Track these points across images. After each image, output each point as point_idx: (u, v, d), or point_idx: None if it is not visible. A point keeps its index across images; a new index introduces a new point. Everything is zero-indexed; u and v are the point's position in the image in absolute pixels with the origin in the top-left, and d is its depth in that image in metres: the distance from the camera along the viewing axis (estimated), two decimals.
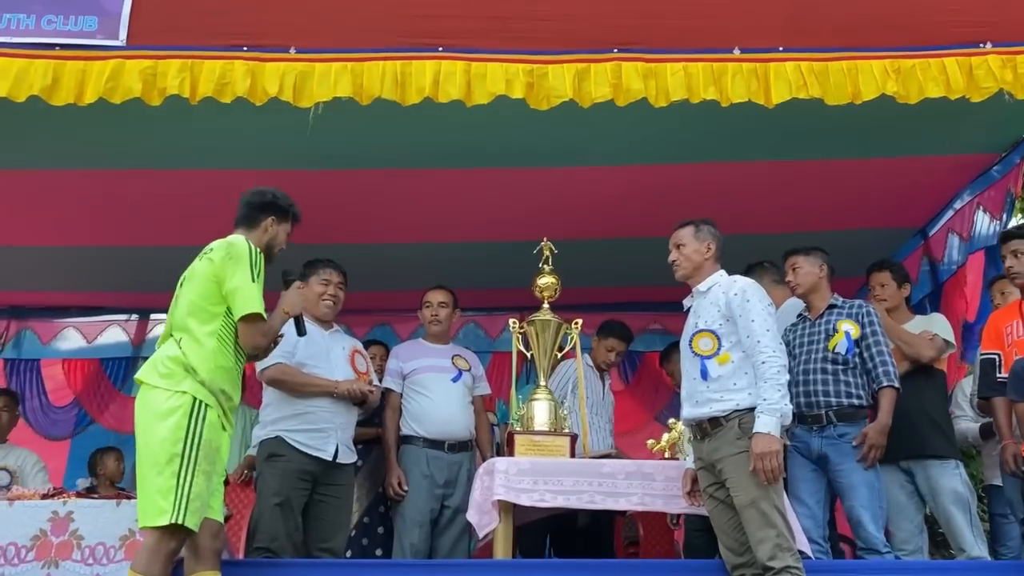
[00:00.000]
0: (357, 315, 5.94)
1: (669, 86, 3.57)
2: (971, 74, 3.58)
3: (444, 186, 4.67)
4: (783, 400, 3.00)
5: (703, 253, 3.33)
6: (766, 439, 2.94)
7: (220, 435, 2.89)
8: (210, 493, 2.82)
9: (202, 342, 2.89)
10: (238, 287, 2.90)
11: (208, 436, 2.81)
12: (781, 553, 2.87)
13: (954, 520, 3.66)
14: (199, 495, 2.73)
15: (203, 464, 2.77)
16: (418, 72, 3.53)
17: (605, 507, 3.43)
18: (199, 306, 2.93)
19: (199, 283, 2.96)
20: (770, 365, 3.02)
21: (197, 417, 2.81)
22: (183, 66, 3.48)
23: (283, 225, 3.22)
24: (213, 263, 2.96)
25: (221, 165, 4.39)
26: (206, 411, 2.83)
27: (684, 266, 3.36)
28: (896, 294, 4.13)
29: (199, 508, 2.73)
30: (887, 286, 4.14)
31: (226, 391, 2.91)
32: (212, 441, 2.82)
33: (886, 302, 4.10)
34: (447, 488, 4.13)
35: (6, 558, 3.15)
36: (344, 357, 3.92)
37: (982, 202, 4.75)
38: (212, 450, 2.82)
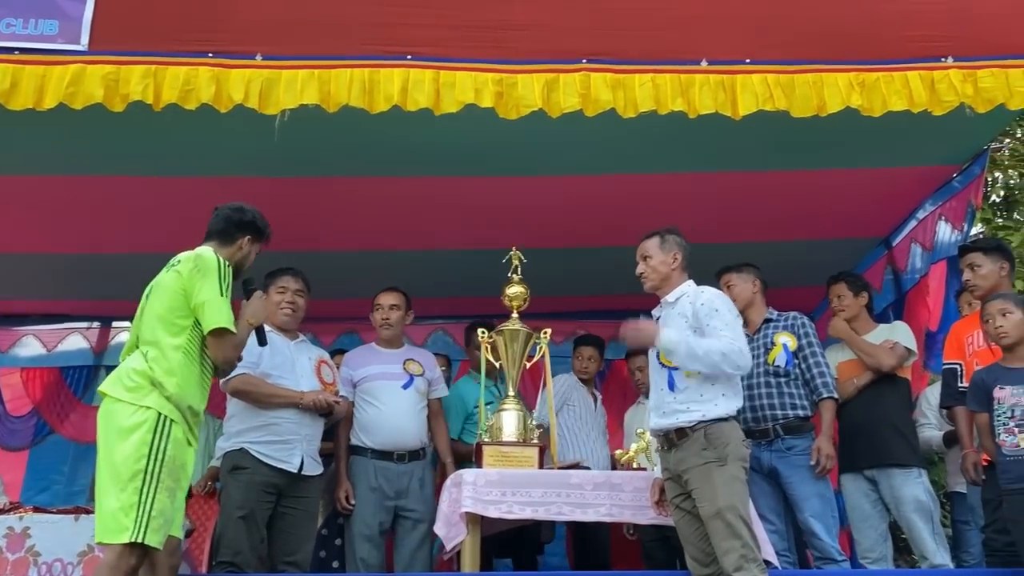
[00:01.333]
0: (324, 323, 5.88)
1: (637, 97, 3.59)
2: (933, 88, 3.65)
3: (413, 194, 4.64)
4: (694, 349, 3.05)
5: (669, 264, 3.35)
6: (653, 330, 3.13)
7: (185, 451, 2.84)
8: (174, 510, 2.77)
9: (169, 356, 2.85)
10: (207, 300, 2.87)
11: (173, 453, 2.76)
12: (747, 564, 2.88)
13: (916, 528, 3.71)
14: (162, 512, 2.69)
15: (167, 481, 2.72)
16: (386, 80, 3.51)
17: (573, 518, 3.42)
18: (166, 319, 2.89)
19: (166, 296, 2.91)
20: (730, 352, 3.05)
21: (162, 433, 2.76)
22: (146, 72, 3.43)
23: (256, 245, 3.22)
24: (181, 275, 2.92)
25: (185, 172, 4.33)
26: (171, 427, 2.78)
27: (651, 278, 3.37)
28: (854, 303, 4.19)
29: (162, 526, 2.69)
30: (843, 297, 4.21)
31: (192, 406, 2.87)
32: (177, 458, 2.78)
33: (844, 312, 4.17)
34: (399, 499, 4.06)
35: None
36: (310, 367, 3.87)
37: (944, 213, 4.83)
38: (176, 467, 2.77)
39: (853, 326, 4.15)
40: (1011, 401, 3.20)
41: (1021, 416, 3.17)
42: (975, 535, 3.95)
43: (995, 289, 3.64)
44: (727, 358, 3.05)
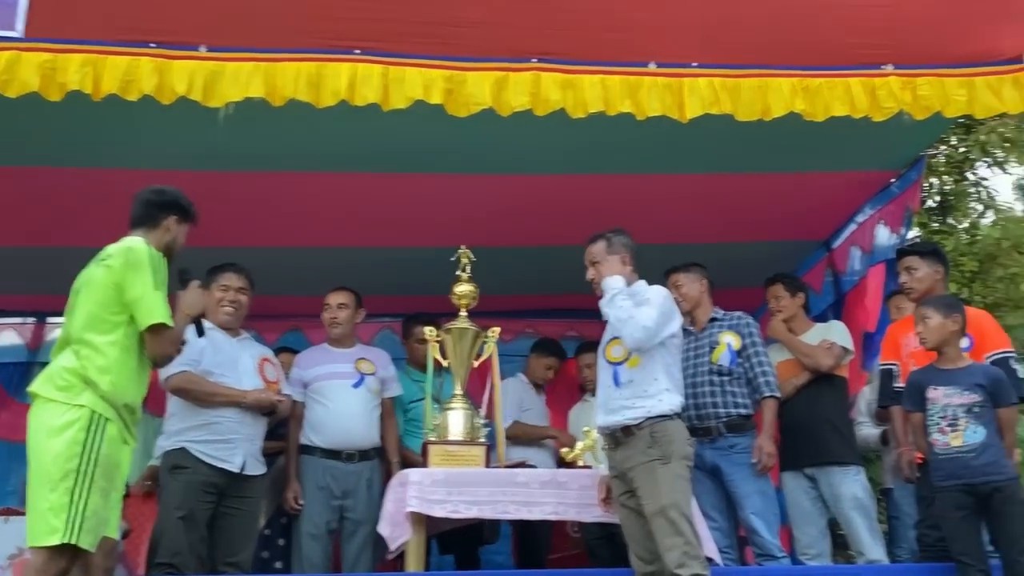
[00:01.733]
0: (268, 320, 5.78)
1: (587, 97, 3.60)
2: (874, 94, 3.74)
3: (361, 190, 4.60)
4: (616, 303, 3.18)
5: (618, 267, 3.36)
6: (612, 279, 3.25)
7: (120, 450, 2.75)
8: (108, 510, 2.69)
9: (103, 352, 2.75)
10: (141, 296, 2.78)
11: (107, 451, 2.68)
12: (689, 561, 2.91)
13: (854, 524, 3.80)
14: (95, 513, 2.60)
15: (100, 481, 2.64)
16: (333, 74, 3.47)
17: (519, 516, 3.42)
18: (98, 316, 2.79)
19: (97, 291, 2.81)
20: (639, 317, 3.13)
21: (95, 432, 2.67)
22: (85, 61, 3.34)
23: (183, 225, 3.11)
24: (112, 270, 2.82)
25: (126, 164, 4.21)
26: (105, 425, 2.69)
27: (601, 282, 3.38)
28: (791, 303, 4.27)
29: (95, 527, 2.61)
30: (781, 298, 4.29)
31: (129, 403, 2.78)
32: (111, 456, 2.69)
33: (782, 313, 4.26)
34: (346, 499, 4.04)
35: None
36: (253, 365, 3.80)
37: (883, 216, 4.96)
38: (111, 466, 2.69)
39: (790, 326, 4.23)
40: (943, 401, 3.30)
41: (952, 416, 3.27)
42: (909, 531, 4.06)
43: (930, 292, 3.74)
44: (634, 321, 3.12)
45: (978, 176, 8.77)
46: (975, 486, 3.18)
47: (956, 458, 3.23)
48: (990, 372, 3.33)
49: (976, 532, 3.22)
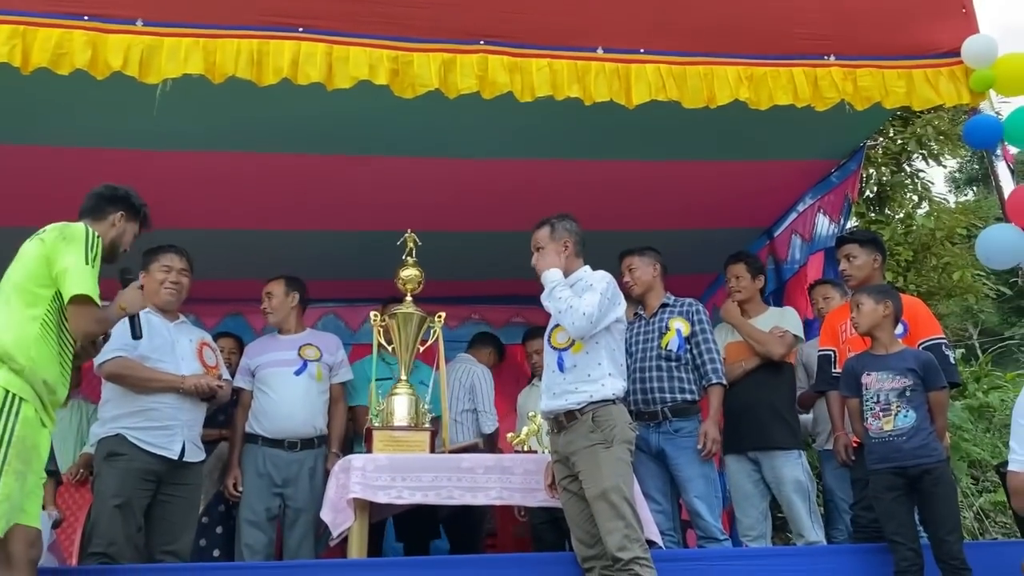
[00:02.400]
0: (207, 304, 5.67)
1: (534, 81, 3.59)
2: (816, 84, 3.80)
3: (303, 172, 4.52)
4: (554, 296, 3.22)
5: (560, 252, 3.36)
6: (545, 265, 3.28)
7: (37, 432, 2.61)
8: (24, 495, 2.55)
9: (23, 326, 2.62)
10: (69, 267, 2.67)
11: (22, 433, 2.54)
12: (630, 544, 2.93)
13: (795, 507, 3.87)
14: (8, 497, 2.47)
15: (14, 463, 2.51)
16: (276, 52, 3.40)
17: (464, 502, 3.40)
18: (24, 287, 2.67)
19: (27, 263, 2.71)
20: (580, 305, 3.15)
21: (10, 412, 2.54)
22: (14, 32, 3.23)
23: (131, 224, 3.03)
24: (44, 243, 2.73)
25: (60, 142, 4.07)
26: (20, 405, 2.56)
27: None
28: (751, 286, 4.30)
29: (7, 512, 2.48)
30: (742, 278, 4.30)
31: (48, 382, 2.64)
32: (26, 439, 2.56)
33: (740, 294, 4.27)
34: (286, 487, 4.01)
35: None
36: (191, 350, 3.70)
37: (823, 206, 5.06)
38: (26, 448, 2.55)
39: (746, 307, 4.26)
40: (876, 387, 3.37)
41: (885, 401, 3.34)
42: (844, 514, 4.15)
43: (868, 280, 3.81)
44: (574, 311, 3.13)
45: (914, 168, 9.00)
46: (906, 468, 3.26)
47: (888, 441, 3.31)
48: (921, 357, 3.41)
49: (908, 513, 3.30)
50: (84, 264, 2.70)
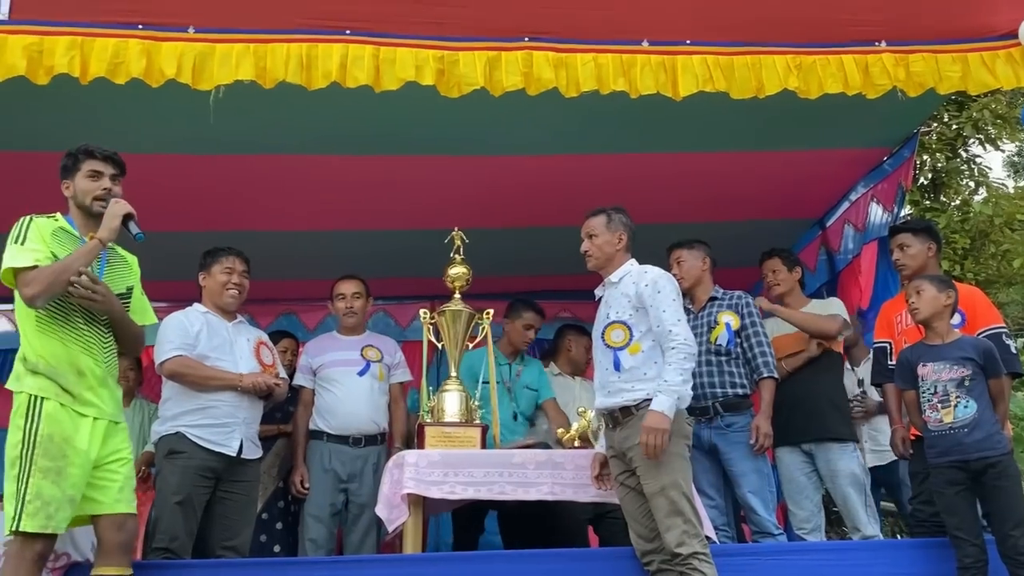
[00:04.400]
0: (261, 304, 5.79)
1: (580, 76, 3.58)
2: (867, 71, 3.72)
3: (352, 173, 4.58)
4: (684, 385, 3.06)
5: (614, 244, 3.35)
6: (658, 416, 2.99)
7: (65, 424, 2.69)
8: (67, 489, 2.65)
9: (24, 327, 2.77)
10: (3, 258, 2.76)
11: (47, 431, 2.65)
12: (689, 539, 2.92)
13: (851, 501, 3.81)
14: (38, 495, 2.60)
15: (41, 461, 2.62)
16: (324, 56, 3.44)
17: (516, 497, 3.41)
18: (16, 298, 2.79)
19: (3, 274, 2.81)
20: (678, 351, 3.07)
21: (32, 414, 2.67)
22: (72, 43, 3.30)
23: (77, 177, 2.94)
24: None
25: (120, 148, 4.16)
26: (41, 405, 2.67)
27: (596, 256, 3.37)
28: (788, 278, 4.25)
29: (39, 509, 2.59)
30: (778, 271, 4.26)
31: (69, 367, 2.72)
32: (54, 435, 2.66)
33: (779, 287, 4.23)
34: (351, 482, 4.10)
35: None
36: (249, 349, 3.78)
37: (876, 194, 4.97)
38: (56, 444, 2.65)
39: (787, 300, 4.21)
40: (933, 378, 3.31)
41: (943, 392, 3.27)
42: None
43: (923, 269, 3.74)
44: (688, 358, 3.09)
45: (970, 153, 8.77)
46: (968, 462, 3.20)
47: (948, 434, 3.24)
48: (979, 344, 3.33)
49: (971, 508, 3.23)
50: (12, 246, 2.76)
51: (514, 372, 4.53)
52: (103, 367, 2.83)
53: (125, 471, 2.83)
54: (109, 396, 2.84)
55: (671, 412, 3.01)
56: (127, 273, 3.05)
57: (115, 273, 2.98)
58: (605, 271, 3.38)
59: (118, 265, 3.03)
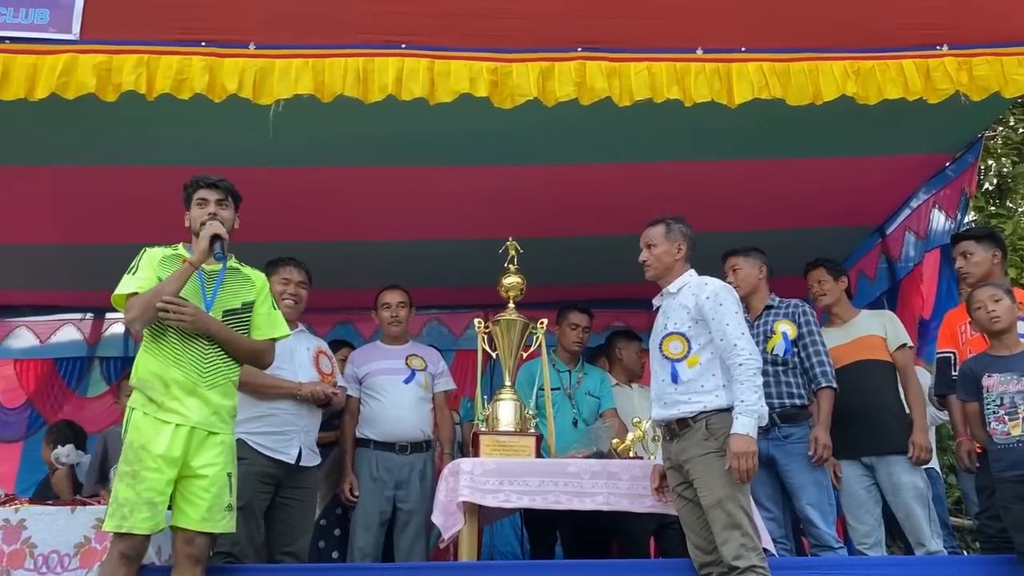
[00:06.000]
0: (319, 314, 5.87)
1: (633, 85, 3.57)
2: (928, 76, 3.64)
3: (408, 183, 4.63)
4: (760, 402, 3.02)
5: (673, 254, 3.33)
6: (744, 440, 2.94)
7: (145, 431, 2.87)
8: (137, 492, 2.79)
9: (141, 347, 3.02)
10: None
11: (130, 439, 2.87)
12: (746, 552, 2.89)
13: (915, 515, 3.72)
14: (116, 499, 2.82)
15: (122, 467, 2.84)
16: (380, 69, 3.50)
17: (571, 507, 3.41)
18: None
19: None
20: (747, 368, 3.03)
21: (127, 425, 2.92)
22: (139, 61, 3.41)
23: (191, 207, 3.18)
24: None
25: (180, 162, 4.28)
26: (132, 416, 2.92)
27: (655, 267, 3.35)
28: (835, 288, 4.18)
29: (115, 510, 2.80)
30: (824, 281, 4.18)
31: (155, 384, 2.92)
32: (134, 442, 2.86)
33: (826, 297, 4.15)
34: (398, 489, 4.13)
35: None
36: (308, 358, 3.86)
37: (938, 201, 4.84)
38: (134, 450, 2.85)
39: (835, 310, 4.14)
40: (999, 389, 3.21)
41: (1010, 404, 3.18)
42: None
43: (987, 277, 3.65)
44: (757, 373, 3.06)
45: None
46: None
47: (1016, 447, 3.15)
48: None
49: None
50: (125, 276, 3.04)
51: (575, 379, 4.54)
52: (193, 378, 2.95)
53: (215, 491, 2.93)
54: (199, 405, 2.95)
55: (755, 432, 2.98)
56: (247, 290, 3.18)
57: (230, 290, 3.13)
58: (663, 281, 3.36)
59: (236, 282, 3.17)
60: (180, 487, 2.89)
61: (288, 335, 3.35)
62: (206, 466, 2.91)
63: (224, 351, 3.04)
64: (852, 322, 4.10)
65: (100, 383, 6.31)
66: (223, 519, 2.94)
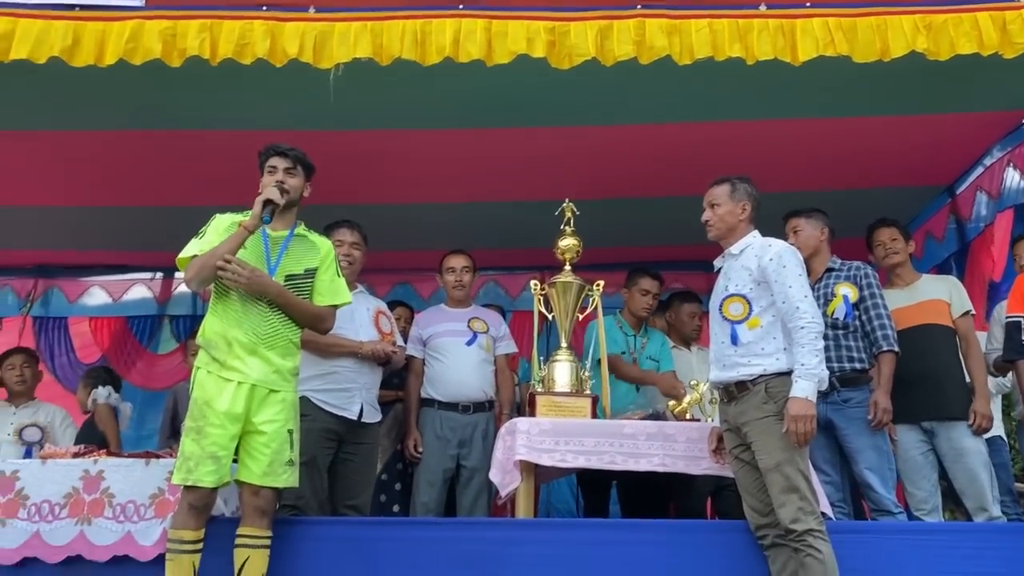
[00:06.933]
0: (378, 274, 5.98)
1: (694, 43, 3.52)
2: (1004, 29, 3.51)
3: (465, 146, 4.64)
4: (820, 366, 2.97)
5: (737, 214, 3.27)
6: (803, 403, 2.91)
7: (208, 388, 2.97)
8: (202, 447, 2.90)
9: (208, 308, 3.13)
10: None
11: (196, 396, 2.98)
12: (804, 516, 2.88)
13: (979, 481, 3.63)
14: (183, 453, 2.93)
15: (188, 422, 2.96)
16: (438, 31, 3.50)
17: (626, 468, 3.43)
18: None
19: None
20: (808, 331, 2.98)
21: (193, 384, 3.05)
22: (203, 26, 3.47)
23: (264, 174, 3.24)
24: None
25: (241, 126, 4.37)
26: (198, 375, 3.02)
27: (718, 226, 3.29)
28: (905, 248, 4.06)
29: (182, 463, 2.92)
30: (896, 240, 4.05)
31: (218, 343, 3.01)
32: (199, 399, 2.96)
33: (898, 255, 4.03)
34: (462, 448, 4.22)
35: (41, 515, 3.24)
36: (368, 318, 3.94)
37: (1013, 159, 4.67)
38: (197, 407, 2.96)
39: (899, 271, 4.04)
40: None
41: None
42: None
43: None
44: (819, 336, 3.01)
45: None
46: None
47: None
48: None
49: None
50: (192, 239, 3.13)
51: (639, 343, 4.54)
52: (254, 338, 3.04)
53: (275, 446, 3.01)
54: (260, 364, 3.03)
55: (814, 396, 2.94)
56: (312, 256, 3.24)
57: (295, 256, 3.20)
58: (726, 242, 3.30)
59: (302, 249, 3.24)
60: (243, 442, 2.99)
61: (350, 302, 3.40)
62: (267, 422, 3.00)
63: (285, 314, 3.10)
64: (915, 285, 4.00)
65: (170, 341, 6.52)
66: (284, 474, 3.03)
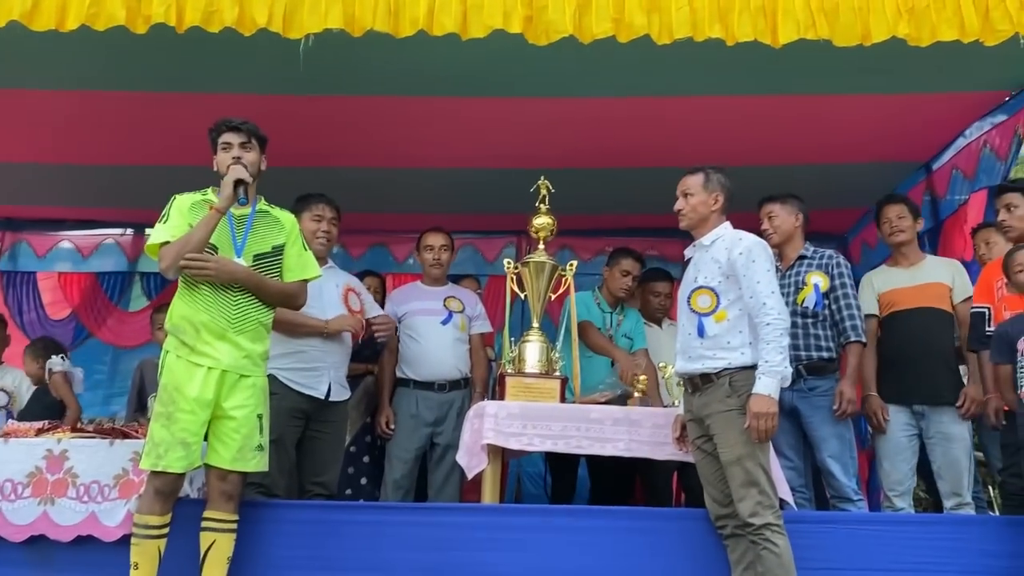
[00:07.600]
0: (353, 235, 5.93)
1: (673, 22, 3.44)
2: (987, 16, 3.46)
3: (441, 114, 4.57)
4: (784, 363, 2.97)
5: (710, 205, 3.23)
6: (765, 400, 2.92)
7: (178, 374, 2.94)
8: (172, 432, 2.88)
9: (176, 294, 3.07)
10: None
11: (165, 381, 2.95)
12: (762, 510, 2.92)
13: (959, 468, 3.66)
14: (152, 438, 2.91)
15: (157, 407, 2.94)
16: (412, 2, 3.39)
17: (592, 452, 3.47)
18: None
19: None
20: (774, 328, 2.99)
21: (162, 367, 3.02)
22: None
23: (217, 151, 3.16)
24: None
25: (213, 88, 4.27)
26: (166, 359, 2.99)
27: (690, 216, 3.26)
28: (912, 227, 4.00)
29: (151, 449, 2.90)
30: (904, 218, 3.98)
31: (187, 328, 2.97)
32: (168, 384, 2.94)
33: (904, 233, 3.97)
34: (436, 426, 4.24)
35: (3, 494, 3.22)
36: (337, 295, 3.88)
37: (988, 140, 4.66)
38: (168, 391, 2.93)
39: (904, 250, 3.98)
40: None
41: None
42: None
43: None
44: (784, 333, 3.01)
45: None
46: None
47: None
48: None
49: None
50: (157, 224, 3.06)
51: (615, 321, 4.54)
52: (223, 323, 3.00)
53: (245, 431, 3.00)
54: (230, 349, 3.00)
55: (776, 394, 2.95)
56: (277, 232, 3.19)
57: (260, 234, 3.14)
58: (697, 232, 3.28)
59: (266, 225, 3.17)
60: (213, 427, 2.98)
61: (319, 276, 3.36)
62: (237, 408, 2.99)
63: (255, 297, 3.07)
64: (919, 266, 3.95)
65: (141, 298, 6.46)
66: (254, 459, 3.03)
